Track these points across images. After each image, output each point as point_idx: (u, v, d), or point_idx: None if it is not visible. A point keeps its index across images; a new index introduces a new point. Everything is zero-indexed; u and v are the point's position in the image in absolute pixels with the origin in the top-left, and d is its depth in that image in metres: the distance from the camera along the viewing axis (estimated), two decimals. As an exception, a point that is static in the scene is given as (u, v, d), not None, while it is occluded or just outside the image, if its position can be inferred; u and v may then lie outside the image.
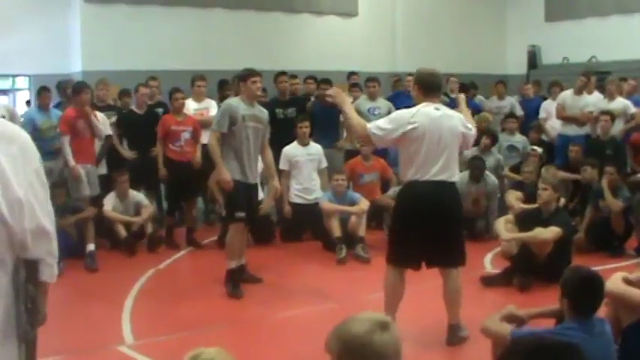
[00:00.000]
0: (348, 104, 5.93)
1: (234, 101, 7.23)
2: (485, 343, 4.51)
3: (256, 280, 7.57)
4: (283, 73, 10.66)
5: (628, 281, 4.70)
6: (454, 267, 5.74)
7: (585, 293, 3.84)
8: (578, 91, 11.21)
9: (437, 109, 5.62)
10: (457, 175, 5.84)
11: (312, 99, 10.78)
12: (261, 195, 8.22)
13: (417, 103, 5.68)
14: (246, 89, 7.14)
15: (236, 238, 7.19)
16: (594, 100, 11.24)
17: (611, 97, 11.12)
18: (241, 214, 7.09)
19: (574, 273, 3.99)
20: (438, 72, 5.83)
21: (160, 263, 8.45)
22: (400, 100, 11.23)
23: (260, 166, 7.65)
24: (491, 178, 9.69)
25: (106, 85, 10.27)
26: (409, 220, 5.64)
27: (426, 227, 5.52)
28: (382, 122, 5.65)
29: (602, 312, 4.23)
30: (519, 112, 12.43)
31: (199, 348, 2.51)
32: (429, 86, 5.70)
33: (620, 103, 11.05)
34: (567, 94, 11.36)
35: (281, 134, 9.26)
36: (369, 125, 5.64)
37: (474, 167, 9.51)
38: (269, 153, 7.61)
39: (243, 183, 7.07)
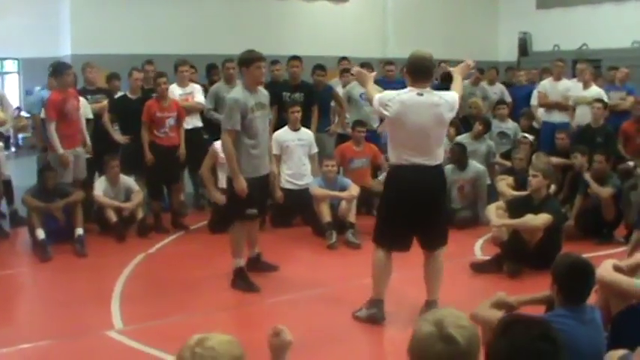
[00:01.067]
0: (369, 82, 6.01)
1: (238, 94, 6.70)
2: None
3: (273, 269, 7.43)
4: (296, 57, 10.56)
5: (618, 268, 4.73)
6: (438, 249, 5.86)
7: (576, 280, 3.84)
8: (557, 77, 11.40)
9: (420, 94, 5.61)
10: (442, 158, 5.86)
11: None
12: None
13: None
14: (249, 75, 6.67)
15: (242, 234, 6.92)
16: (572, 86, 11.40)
17: (586, 84, 11.12)
18: (253, 211, 6.83)
19: (565, 260, 3.99)
20: (428, 56, 5.75)
21: (150, 248, 8.42)
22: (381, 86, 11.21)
23: None
24: (476, 165, 9.68)
25: (93, 67, 10.15)
26: (394, 203, 5.77)
27: (410, 211, 5.67)
28: (376, 97, 5.75)
29: (593, 299, 4.25)
30: (508, 98, 12.45)
31: (207, 333, 2.45)
32: (415, 71, 5.69)
33: (594, 91, 11.06)
34: (546, 82, 11.46)
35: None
36: (375, 97, 5.76)
37: (455, 154, 9.51)
38: (269, 137, 7.52)
39: (257, 178, 6.77)
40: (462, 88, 6.06)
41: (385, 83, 11.50)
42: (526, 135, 10.53)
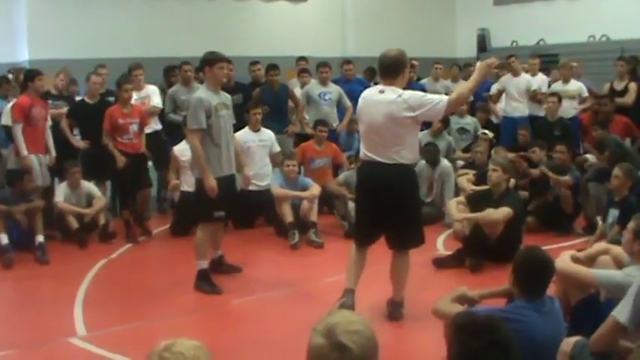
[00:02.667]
0: None
1: (202, 93, 6.78)
2: (437, 324, 4.55)
3: (236, 270, 7.43)
4: (228, 60, 10.52)
5: (576, 259, 4.81)
6: (404, 249, 5.85)
7: (534, 273, 3.91)
8: (516, 73, 11.52)
9: (382, 91, 5.68)
10: (409, 158, 5.74)
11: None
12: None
13: None
14: (212, 75, 6.76)
15: (207, 237, 6.90)
16: (539, 82, 11.64)
17: (565, 79, 11.32)
18: (220, 214, 6.84)
19: (525, 255, 4.07)
20: (393, 54, 5.76)
21: (112, 253, 8.33)
22: (339, 85, 11.32)
23: None
24: (443, 162, 9.77)
25: (67, 74, 10.13)
26: (360, 198, 6.03)
27: (370, 206, 5.80)
28: None
29: (552, 290, 4.31)
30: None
31: (174, 338, 2.43)
32: (379, 69, 5.88)
33: (575, 85, 11.28)
34: (505, 77, 11.59)
35: None
36: None
37: (428, 153, 9.58)
38: (236, 141, 7.50)
39: (223, 178, 6.75)
40: (467, 88, 5.85)
41: (343, 82, 11.63)
42: (486, 132, 10.62)
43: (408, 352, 5.62)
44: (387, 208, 5.70)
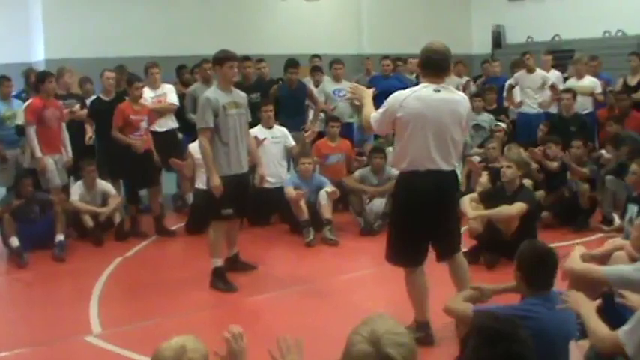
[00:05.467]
0: (366, 98, 5.61)
1: (210, 92, 6.84)
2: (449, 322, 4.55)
3: (251, 267, 7.45)
4: (247, 58, 10.57)
5: (590, 257, 4.77)
6: (458, 251, 5.57)
7: (540, 268, 3.90)
8: (530, 69, 11.49)
9: (437, 90, 5.11)
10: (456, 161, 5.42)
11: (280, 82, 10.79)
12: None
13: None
14: (222, 74, 6.81)
15: (219, 234, 6.93)
16: (554, 77, 11.65)
17: (579, 75, 11.28)
18: (228, 211, 6.82)
19: (528, 248, 4.04)
20: (439, 48, 5.20)
21: (127, 251, 8.39)
22: (376, 81, 11.29)
23: None
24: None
25: (72, 73, 10.14)
26: (414, 212, 5.19)
27: (430, 221, 5.18)
28: (379, 110, 5.30)
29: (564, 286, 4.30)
30: (473, 88, 12.75)
31: (170, 338, 2.54)
32: (427, 65, 5.21)
33: (589, 80, 11.24)
34: (519, 74, 11.63)
35: None
36: (372, 115, 5.34)
37: None
38: (251, 139, 7.50)
39: (232, 176, 6.75)
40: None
41: (381, 78, 11.44)
42: (498, 123, 10.57)
43: (420, 350, 5.59)
44: (445, 217, 5.28)
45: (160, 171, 9.64)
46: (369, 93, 5.67)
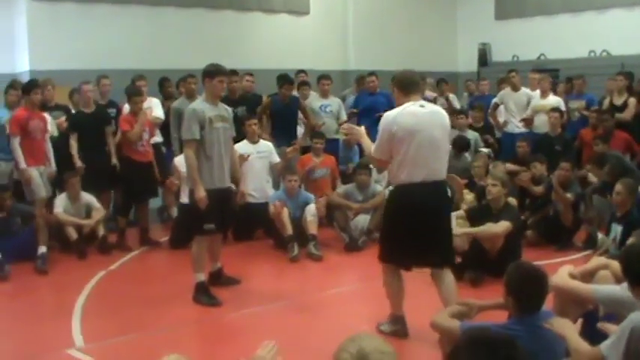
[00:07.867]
0: (362, 137, 5.86)
1: (197, 104, 6.88)
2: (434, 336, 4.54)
3: (234, 282, 7.42)
4: (234, 72, 10.56)
5: (573, 275, 4.78)
6: (449, 264, 5.70)
7: (529, 290, 3.86)
8: (515, 88, 11.64)
9: (422, 106, 5.47)
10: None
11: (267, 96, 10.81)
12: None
13: (399, 105, 5.52)
14: (211, 87, 6.80)
15: (202, 249, 6.91)
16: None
17: (544, 94, 11.35)
18: (210, 226, 6.80)
19: (517, 270, 4.00)
20: (411, 70, 5.72)
21: (111, 264, 8.34)
22: (362, 98, 11.33)
23: None
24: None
25: (54, 86, 10.10)
26: (403, 223, 5.46)
27: (422, 230, 5.40)
28: (376, 141, 5.52)
29: (549, 305, 4.29)
30: (457, 105, 12.96)
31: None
32: (407, 84, 5.54)
33: (553, 99, 11.32)
34: (504, 92, 11.77)
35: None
36: (372, 148, 5.60)
37: None
38: (235, 154, 7.50)
39: (215, 190, 6.72)
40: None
41: (367, 95, 11.45)
42: (481, 149, 10.65)
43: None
44: (437, 227, 5.51)
45: (158, 183, 9.61)
46: (363, 132, 5.90)
